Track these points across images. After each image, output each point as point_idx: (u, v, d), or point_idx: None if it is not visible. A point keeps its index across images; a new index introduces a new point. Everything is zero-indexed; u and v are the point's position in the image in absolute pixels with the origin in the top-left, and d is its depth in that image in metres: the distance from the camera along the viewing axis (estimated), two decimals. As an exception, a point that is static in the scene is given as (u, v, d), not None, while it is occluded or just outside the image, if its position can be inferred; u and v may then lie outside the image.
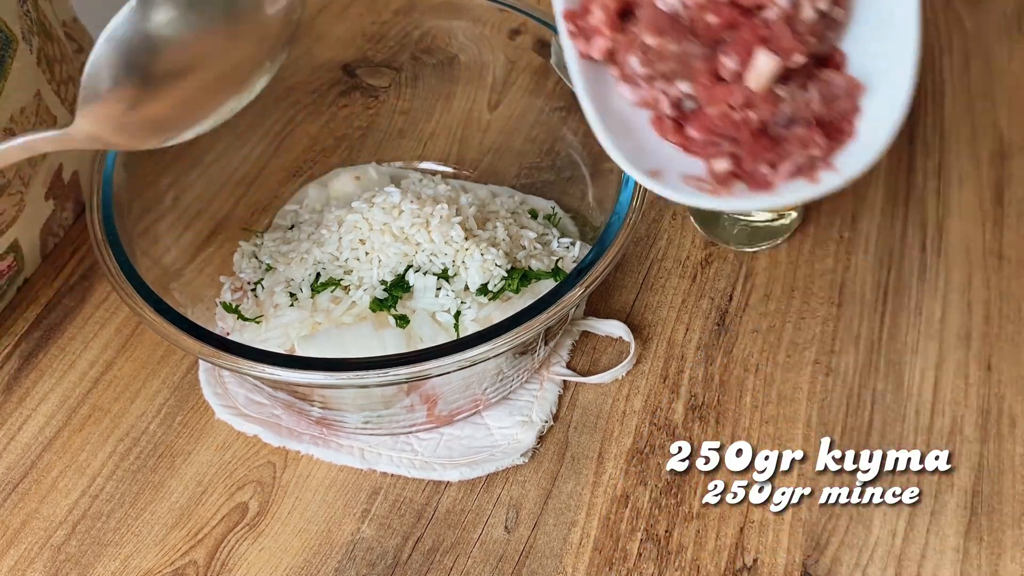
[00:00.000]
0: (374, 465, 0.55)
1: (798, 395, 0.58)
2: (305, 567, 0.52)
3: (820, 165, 0.37)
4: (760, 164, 0.36)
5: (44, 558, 0.52)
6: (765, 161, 0.36)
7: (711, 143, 0.37)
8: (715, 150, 0.37)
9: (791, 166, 0.36)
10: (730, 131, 0.36)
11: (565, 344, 0.60)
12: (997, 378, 0.59)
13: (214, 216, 0.61)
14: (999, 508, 0.54)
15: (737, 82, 0.36)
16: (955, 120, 0.74)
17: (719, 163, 0.37)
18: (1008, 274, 0.64)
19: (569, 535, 0.53)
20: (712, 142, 0.37)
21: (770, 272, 0.65)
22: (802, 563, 0.52)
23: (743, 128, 0.36)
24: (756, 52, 0.34)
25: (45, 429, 0.57)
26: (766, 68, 0.34)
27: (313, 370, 0.44)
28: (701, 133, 0.37)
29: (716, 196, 0.38)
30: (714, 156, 0.37)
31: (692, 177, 0.38)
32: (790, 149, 0.36)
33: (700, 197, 0.38)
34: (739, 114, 0.36)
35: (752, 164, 0.37)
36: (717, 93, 0.36)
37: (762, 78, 0.34)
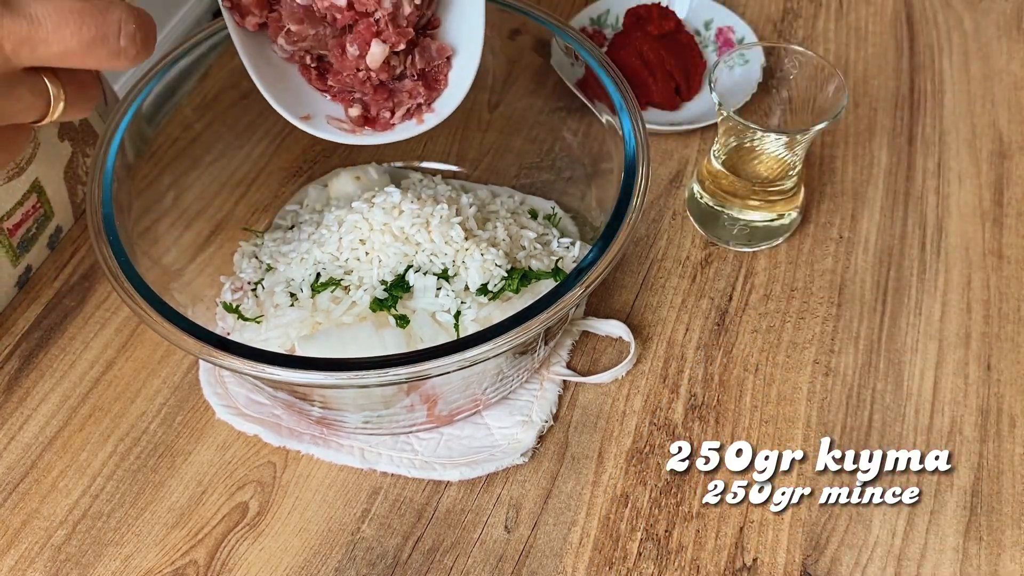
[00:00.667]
0: (374, 465, 0.55)
1: (798, 395, 0.58)
2: (305, 567, 0.52)
3: (424, 109, 0.50)
4: (382, 110, 0.49)
5: (44, 558, 0.52)
6: (385, 108, 0.49)
7: (346, 93, 0.50)
8: (349, 98, 0.49)
9: (403, 111, 0.50)
10: (358, 86, 0.49)
11: (565, 344, 0.60)
12: (997, 378, 0.59)
13: (214, 216, 0.61)
14: (999, 508, 0.54)
15: (360, 60, 0.48)
16: (955, 120, 0.74)
17: (353, 110, 0.49)
18: (1008, 274, 0.64)
19: (569, 535, 0.53)
20: (346, 92, 0.50)
21: (770, 272, 0.65)
22: (802, 563, 0.52)
23: (367, 85, 0.49)
24: (372, 43, 0.46)
25: (45, 429, 0.57)
26: (378, 54, 0.47)
27: (313, 370, 0.44)
28: (337, 84, 0.49)
29: (352, 134, 0.49)
30: (349, 104, 0.49)
31: (335, 119, 0.49)
32: (402, 99, 0.49)
33: (341, 135, 0.49)
34: (363, 75, 0.48)
35: (375, 110, 0.49)
36: (346, 63, 0.48)
37: (376, 61, 0.47)
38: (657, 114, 0.74)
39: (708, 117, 0.72)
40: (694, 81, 0.75)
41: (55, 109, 0.34)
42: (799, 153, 0.60)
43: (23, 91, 0.33)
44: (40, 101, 0.34)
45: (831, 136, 0.73)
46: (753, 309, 0.63)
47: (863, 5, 0.84)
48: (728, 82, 0.61)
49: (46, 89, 0.34)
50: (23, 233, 0.60)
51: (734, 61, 0.62)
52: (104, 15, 0.33)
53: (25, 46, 0.32)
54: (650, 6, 0.76)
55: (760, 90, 0.67)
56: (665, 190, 0.69)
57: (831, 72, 0.59)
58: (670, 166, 0.71)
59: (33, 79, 0.33)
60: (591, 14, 0.79)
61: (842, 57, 0.79)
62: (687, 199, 0.68)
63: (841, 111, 0.57)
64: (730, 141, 0.62)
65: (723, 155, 0.63)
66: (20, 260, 0.61)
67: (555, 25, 0.58)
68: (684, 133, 0.73)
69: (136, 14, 0.34)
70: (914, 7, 0.83)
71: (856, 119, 0.74)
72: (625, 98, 0.53)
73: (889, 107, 0.75)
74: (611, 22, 0.80)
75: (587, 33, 0.79)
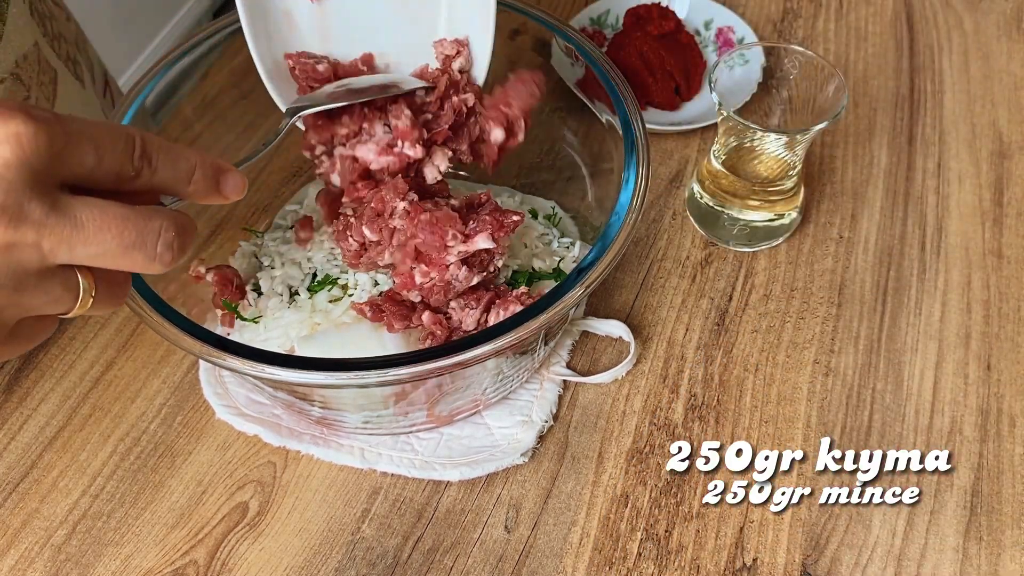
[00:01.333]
0: (374, 465, 0.55)
1: (798, 395, 0.58)
2: (305, 567, 0.52)
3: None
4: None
5: (44, 558, 0.52)
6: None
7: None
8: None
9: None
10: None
11: (565, 344, 0.60)
12: (996, 378, 0.59)
13: (214, 216, 0.61)
14: (998, 508, 0.54)
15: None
16: (955, 120, 0.74)
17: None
18: (1008, 274, 0.64)
19: (569, 535, 0.53)
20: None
21: (770, 272, 0.65)
22: (802, 563, 0.52)
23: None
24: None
25: (46, 429, 0.57)
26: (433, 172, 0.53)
27: (313, 370, 0.44)
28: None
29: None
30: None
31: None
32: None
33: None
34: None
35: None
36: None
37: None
38: (657, 114, 0.74)
39: (708, 117, 0.72)
40: (694, 81, 0.75)
41: (84, 304, 0.35)
42: (799, 153, 0.60)
43: (54, 285, 0.33)
44: (70, 296, 0.34)
45: (831, 136, 0.73)
46: (753, 309, 0.63)
47: (863, 5, 0.84)
48: (728, 82, 0.61)
49: (77, 284, 0.34)
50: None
51: (734, 61, 0.62)
52: (147, 222, 0.33)
53: (64, 245, 0.32)
54: (650, 6, 0.76)
55: (760, 90, 0.67)
56: (665, 190, 0.69)
57: (831, 72, 0.59)
58: (670, 166, 0.71)
59: (66, 274, 0.34)
60: (591, 14, 0.79)
61: (842, 57, 0.79)
62: (687, 199, 0.68)
63: (841, 111, 0.57)
64: (730, 141, 0.62)
65: (723, 155, 0.63)
66: None
67: (555, 25, 0.58)
68: (684, 133, 0.73)
69: (177, 221, 0.35)
70: (914, 7, 0.83)
71: (856, 119, 0.74)
72: (625, 98, 0.53)
73: (889, 107, 0.75)
74: (611, 22, 0.80)
75: (587, 33, 0.79)
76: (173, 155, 0.35)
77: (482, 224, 0.49)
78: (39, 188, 0.31)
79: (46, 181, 0.31)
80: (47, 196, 0.31)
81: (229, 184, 0.38)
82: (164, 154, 0.35)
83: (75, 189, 0.33)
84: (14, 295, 0.32)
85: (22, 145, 0.30)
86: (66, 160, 0.32)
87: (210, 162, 0.37)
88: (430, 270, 0.49)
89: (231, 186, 0.38)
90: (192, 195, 0.37)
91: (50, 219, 0.31)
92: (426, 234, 0.48)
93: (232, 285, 0.56)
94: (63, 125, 0.32)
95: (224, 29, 0.57)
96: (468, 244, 0.48)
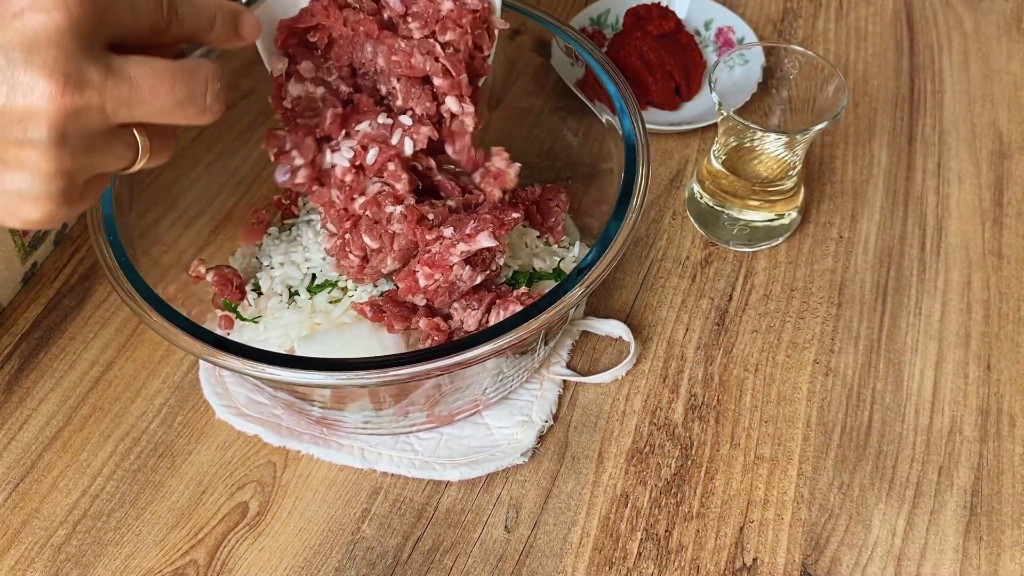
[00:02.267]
0: (374, 465, 0.55)
1: (798, 395, 0.58)
2: (305, 567, 0.52)
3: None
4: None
5: (44, 558, 0.52)
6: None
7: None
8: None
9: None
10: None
11: (565, 344, 0.60)
12: (996, 378, 0.59)
13: (214, 216, 0.61)
14: (998, 508, 0.54)
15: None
16: (955, 120, 0.74)
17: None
18: (1008, 274, 0.64)
19: (569, 535, 0.53)
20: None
21: (770, 272, 0.65)
22: (802, 563, 0.52)
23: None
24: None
25: (46, 429, 0.57)
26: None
27: (313, 370, 0.44)
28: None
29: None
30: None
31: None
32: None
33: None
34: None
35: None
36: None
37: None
38: (657, 114, 0.74)
39: (708, 117, 0.72)
40: (694, 81, 0.75)
41: (142, 159, 0.37)
42: (799, 153, 0.60)
43: (117, 144, 0.35)
44: (130, 152, 0.36)
45: (831, 136, 0.73)
46: (753, 309, 0.63)
47: (863, 5, 0.84)
48: (728, 82, 0.61)
49: (136, 142, 0.36)
50: (35, 232, 0.61)
51: (734, 61, 0.62)
52: (194, 75, 0.35)
53: (124, 106, 0.34)
54: (650, 6, 0.76)
55: (760, 90, 0.67)
56: (665, 190, 0.69)
57: (831, 72, 0.59)
58: (670, 166, 0.71)
59: (126, 133, 0.36)
60: (591, 14, 0.79)
61: (842, 57, 0.79)
62: (687, 199, 0.68)
63: (841, 111, 0.57)
64: (730, 141, 0.62)
65: (723, 155, 0.63)
66: (29, 258, 0.61)
67: (555, 25, 0.58)
68: (684, 133, 0.73)
69: (219, 71, 0.37)
70: (914, 7, 0.83)
71: (856, 119, 0.74)
72: (625, 98, 0.53)
73: (889, 107, 0.75)
74: (611, 22, 0.80)
75: (587, 33, 0.79)
76: (195, 3, 0.37)
77: (482, 222, 0.49)
78: (92, 52, 0.33)
79: (96, 43, 0.33)
80: (101, 59, 0.33)
81: (247, 25, 0.40)
82: (187, 4, 0.37)
83: (116, 48, 0.34)
84: (85, 156, 0.34)
85: (69, 10, 0.32)
86: (108, 20, 0.33)
87: (228, 7, 0.39)
88: (434, 271, 0.49)
89: (248, 27, 0.40)
90: (214, 41, 0.39)
91: (109, 81, 0.33)
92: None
93: (232, 285, 0.56)
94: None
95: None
96: (470, 243, 0.48)
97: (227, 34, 0.39)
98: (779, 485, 0.54)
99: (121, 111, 0.34)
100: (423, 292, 0.50)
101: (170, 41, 0.37)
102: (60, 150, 0.33)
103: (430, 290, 0.49)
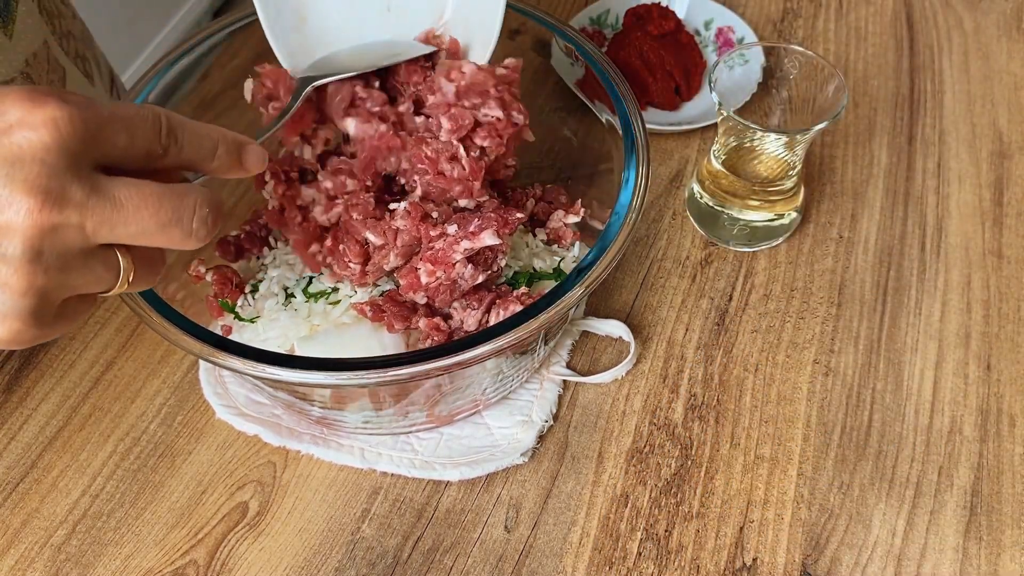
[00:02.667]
0: (374, 465, 0.55)
1: (798, 395, 0.58)
2: (305, 567, 0.52)
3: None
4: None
5: (44, 557, 0.52)
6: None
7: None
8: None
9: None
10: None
11: (565, 344, 0.60)
12: (996, 378, 0.59)
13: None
14: (998, 508, 0.54)
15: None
16: (955, 120, 0.74)
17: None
18: (1008, 274, 0.64)
19: (569, 534, 0.53)
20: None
21: (770, 272, 0.65)
22: (802, 563, 0.52)
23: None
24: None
25: (46, 429, 0.57)
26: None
27: (313, 370, 0.44)
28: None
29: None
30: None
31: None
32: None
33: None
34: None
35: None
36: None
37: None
38: (657, 114, 0.74)
39: (708, 117, 0.72)
40: (694, 81, 0.75)
41: (124, 281, 0.36)
42: (799, 153, 0.60)
43: (97, 264, 0.34)
44: (111, 275, 0.35)
45: (831, 136, 0.73)
46: (753, 309, 0.63)
47: (863, 5, 0.84)
48: (728, 82, 0.61)
49: (118, 264, 0.35)
50: None
51: (734, 61, 0.62)
52: (182, 199, 0.34)
53: (105, 225, 0.33)
54: (650, 6, 0.76)
55: (760, 90, 0.66)
56: (665, 190, 0.69)
57: (831, 72, 0.59)
58: (670, 166, 0.71)
59: (106, 254, 0.35)
60: (591, 14, 0.79)
61: (842, 57, 0.79)
62: (687, 199, 0.68)
63: (841, 111, 0.57)
64: (730, 141, 0.62)
65: (723, 155, 0.63)
66: None
67: (555, 25, 0.58)
68: (684, 133, 0.73)
69: (208, 197, 0.36)
70: (914, 7, 0.83)
71: (856, 119, 0.74)
72: (625, 98, 0.53)
73: (889, 107, 0.75)
74: (611, 22, 0.80)
75: (587, 33, 0.79)
76: (197, 132, 0.36)
77: (486, 220, 0.49)
78: (78, 170, 0.32)
79: (83, 163, 0.32)
80: (87, 178, 0.32)
81: (251, 158, 0.39)
82: (189, 131, 0.36)
83: (108, 170, 0.33)
84: (60, 276, 0.33)
85: (59, 129, 0.31)
86: (100, 142, 0.33)
87: (231, 137, 0.38)
88: (436, 269, 0.49)
89: (253, 160, 0.39)
90: (216, 170, 0.38)
91: (91, 200, 0.32)
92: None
93: (232, 285, 0.56)
94: (95, 108, 0.32)
95: (224, 29, 0.57)
96: (474, 241, 0.48)
97: (229, 165, 0.38)
98: (779, 485, 0.54)
99: (102, 230, 0.33)
100: (424, 289, 0.50)
101: (168, 167, 0.36)
102: (34, 267, 0.32)
103: (431, 287, 0.49)
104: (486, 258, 0.50)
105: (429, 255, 0.49)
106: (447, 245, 0.49)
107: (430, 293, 0.50)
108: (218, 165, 0.38)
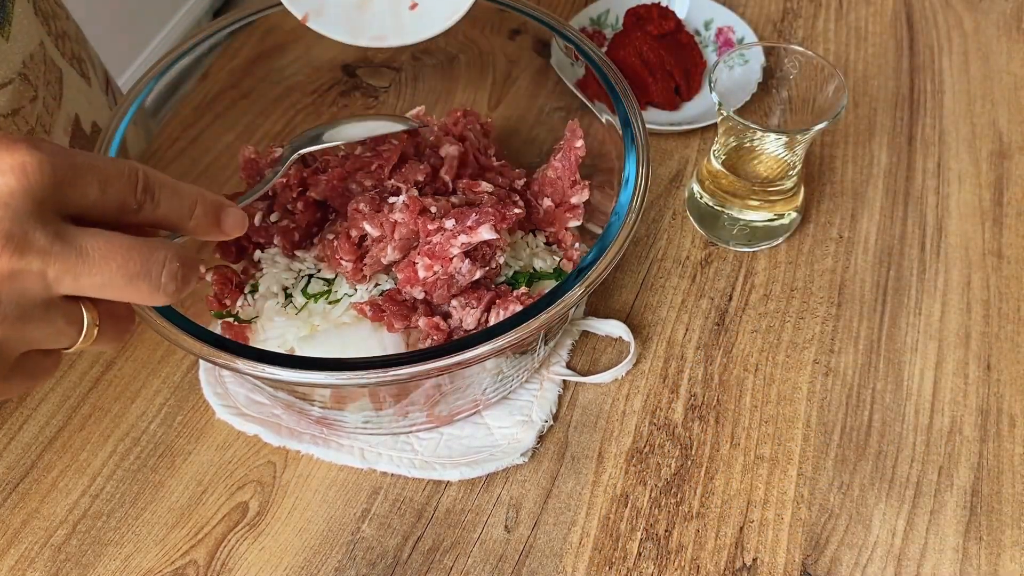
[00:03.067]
0: (374, 465, 0.55)
1: (798, 395, 0.58)
2: (305, 567, 0.52)
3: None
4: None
5: (44, 557, 0.52)
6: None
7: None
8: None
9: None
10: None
11: (565, 344, 0.60)
12: (996, 378, 0.59)
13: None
14: (998, 508, 0.54)
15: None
16: (955, 120, 0.74)
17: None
18: (1008, 274, 0.64)
19: (569, 535, 0.53)
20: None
21: (770, 272, 0.65)
22: (802, 563, 0.52)
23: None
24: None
25: (45, 429, 0.57)
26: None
27: (313, 370, 0.44)
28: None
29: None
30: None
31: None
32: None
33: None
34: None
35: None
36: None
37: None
38: (657, 114, 0.74)
39: (708, 117, 0.72)
40: (694, 81, 0.75)
41: (88, 337, 0.34)
42: (799, 153, 0.60)
43: (58, 317, 0.33)
44: (73, 329, 0.34)
45: (831, 136, 0.73)
46: (753, 309, 0.63)
47: (863, 5, 0.84)
48: (728, 82, 0.61)
49: (81, 317, 0.34)
50: None
51: (734, 61, 0.62)
52: (152, 253, 0.33)
53: (69, 275, 0.32)
54: (650, 6, 0.76)
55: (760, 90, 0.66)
56: (665, 190, 0.69)
57: (831, 72, 0.59)
58: (670, 166, 0.71)
59: (69, 306, 0.33)
60: (591, 14, 0.79)
61: (842, 57, 0.79)
62: (687, 199, 0.68)
63: (841, 111, 0.57)
64: (730, 141, 0.62)
65: (723, 155, 0.63)
66: None
67: (555, 25, 0.58)
68: (684, 133, 0.73)
69: (180, 253, 0.34)
70: (914, 7, 0.83)
71: (856, 119, 0.74)
72: (625, 98, 0.53)
73: (889, 107, 0.75)
74: (611, 22, 0.80)
75: (587, 33, 0.79)
76: (175, 191, 0.35)
77: (484, 215, 0.49)
78: (44, 217, 0.31)
79: (50, 211, 0.31)
80: (51, 225, 0.31)
81: (229, 221, 0.38)
82: (166, 189, 0.35)
83: (78, 221, 0.32)
84: (17, 325, 0.31)
85: (27, 174, 0.30)
86: (70, 191, 0.32)
87: (211, 199, 0.37)
88: (433, 263, 0.49)
89: (231, 223, 0.38)
90: (193, 231, 0.37)
91: (55, 247, 0.31)
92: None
93: (232, 285, 0.56)
94: (68, 157, 0.32)
95: (224, 29, 0.57)
96: (471, 235, 0.49)
97: (207, 226, 0.37)
98: (779, 485, 0.54)
99: (65, 279, 0.31)
100: (421, 284, 0.50)
101: (143, 223, 0.35)
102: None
103: (428, 282, 0.50)
104: (484, 254, 0.50)
105: (427, 249, 0.49)
106: (444, 239, 0.49)
107: (427, 287, 0.50)
108: (195, 225, 0.37)
